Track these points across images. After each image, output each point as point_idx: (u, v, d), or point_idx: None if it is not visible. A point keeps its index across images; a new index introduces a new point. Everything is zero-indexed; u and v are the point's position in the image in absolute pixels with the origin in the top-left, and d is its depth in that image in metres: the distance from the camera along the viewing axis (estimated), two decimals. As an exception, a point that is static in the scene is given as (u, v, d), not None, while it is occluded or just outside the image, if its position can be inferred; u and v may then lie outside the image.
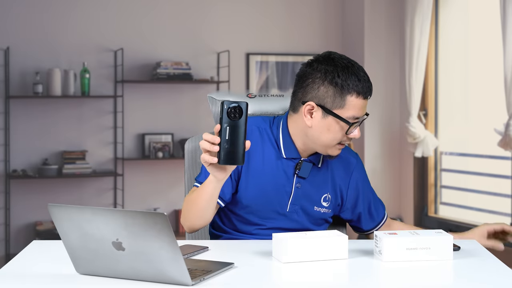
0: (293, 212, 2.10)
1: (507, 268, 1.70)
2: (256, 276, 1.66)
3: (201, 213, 1.95)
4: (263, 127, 2.11)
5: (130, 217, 1.49)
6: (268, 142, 2.09)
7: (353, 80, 1.98)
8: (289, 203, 2.09)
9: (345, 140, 2.02)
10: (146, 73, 5.67)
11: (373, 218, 2.22)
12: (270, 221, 2.10)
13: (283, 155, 2.08)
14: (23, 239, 5.40)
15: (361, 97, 1.99)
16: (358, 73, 2.00)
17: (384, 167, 5.74)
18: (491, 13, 4.77)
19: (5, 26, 5.39)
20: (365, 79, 2.00)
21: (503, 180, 4.75)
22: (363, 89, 1.99)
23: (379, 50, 5.72)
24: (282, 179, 2.08)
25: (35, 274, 1.65)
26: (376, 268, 1.72)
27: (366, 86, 1.99)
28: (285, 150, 2.08)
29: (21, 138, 5.42)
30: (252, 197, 2.07)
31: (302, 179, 2.09)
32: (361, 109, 2.00)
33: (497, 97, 4.66)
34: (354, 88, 1.98)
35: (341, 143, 2.03)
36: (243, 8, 5.86)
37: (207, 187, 1.87)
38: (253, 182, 2.06)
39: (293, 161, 2.09)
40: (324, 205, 2.12)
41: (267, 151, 2.08)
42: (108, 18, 5.60)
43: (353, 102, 1.98)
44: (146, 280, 1.54)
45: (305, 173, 2.08)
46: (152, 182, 5.71)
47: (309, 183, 2.10)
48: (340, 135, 2.01)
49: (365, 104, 2.01)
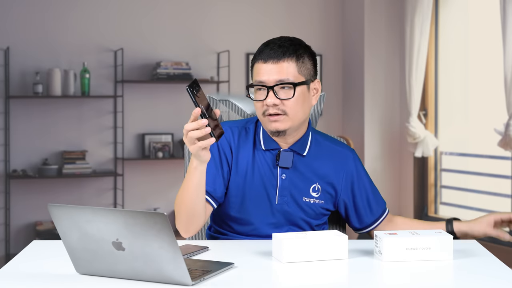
0: (283, 203, 2.08)
1: (507, 268, 1.70)
2: (256, 276, 1.66)
3: (192, 206, 1.93)
4: (243, 126, 2.12)
5: (130, 217, 1.49)
6: (250, 139, 2.09)
7: (258, 50, 2.03)
8: (277, 195, 2.07)
9: (266, 109, 2.00)
10: (146, 73, 5.67)
11: (372, 211, 2.18)
12: (264, 218, 2.08)
13: (262, 147, 2.08)
14: (23, 239, 5.40)
15: (261, 62, 2.00)
16: (268, 43, 2.03)
17: (384, 167, 5.74)
18: (491, 13, 4.77)
19: (5, 26, 5.39)
20: (271, 46, 2.01)
21: (503, 180, 4.75)
22: (263, 55, 2.00)
23: (379, 50, 5.72)
24: (267, 173, 2.07)
25: (35, 274, 1.65)
26: (376, 268, 1.72)
27: (268, 51, 2.00)
28: (264, 142, 2.08)
29: (21, 138, 5.42)
30: (242, 194, 2.07)
31: (286, 170, 2.07)
32: (263, 73, 2.00)
33: (497, 97, 4.66)
34: (256, 56, 2.03)
35: (267, 114, 2.00)
36: (243, 8, 5.86)
37: (192, 175, 1.88)
38: (241, 180, 2.07)
39: (272, 152, 2.08)
40: (314, 195, 2.09)
41: (249, 147, 2.09)
42: (108, 18, 5.60)
43: (255, 69, 2.03)
44: (146, 280, 1.54)
45: (286, 163, 2.06)
46: (152, 182, 5.71)
47: (295, 174, 2.08)
48: (259, 104, 2.01)
49: (270, 68, 1.99)
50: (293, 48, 2.01)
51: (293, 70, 2.00)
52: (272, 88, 1.98)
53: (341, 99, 6.08)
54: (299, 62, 2.01)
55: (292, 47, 2.01)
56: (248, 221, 2.09)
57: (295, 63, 2.00)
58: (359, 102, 5.76)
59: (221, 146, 2.08)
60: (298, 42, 2.05)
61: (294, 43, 2.03)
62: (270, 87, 1.98)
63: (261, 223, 2.09)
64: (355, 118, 5.85)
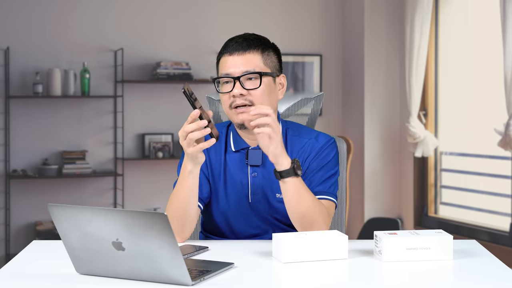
0: (256, 202, 2.07)
1: (507, 268, 1.70)
2: (256, 276, 1.66)
3: (186, 210, 1.94)
4: (220, 131, 2.13)
5: (130, 217, 1.49)
6: (221, 143, 2.10)
7: (224, 45, 2.06)
8: (249, 193, 2.07)
9: (233, 100, 2.00)
10: (146, 73, 5.67)
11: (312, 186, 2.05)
12: (246, 220, 2.08)
13: (232, 149, 2.09)
14: (23, 239, 5.40)
15: (227, 55, 2.03)
16: (233, 38, 2.06)
17: (384, 167, 5.74)
18: (491, 13, 4.77)
19: (5, 26, 5.39)
20: (236, 40, 2.04)
21: (503, 180, 4.75)
22: (228, 49, 2.03)
23: (379, 50, 5.72)
24: (239, 173, 2.07)
25: (35, 274, 1.65)
26: (376, 268, 1.72)
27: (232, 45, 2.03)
28: (234, 143, 2.09)
29: (21, 138, 5.42)
30: (219, 198, 2.07)
31: (256, 167, 2.07)
32: (229, 66, 2.02)
33: (497, 97, 4.66)
34: (222, 51, 2.05)
35: (234, 107, 2.00)
36: (243, 8, 5.86)
37: (187, 179, 1.90)
38: (217, 184, 2.08)
39: (242, 152, 2.09)
40: None
41: (220, 151, 2.10)
42: (108, 18, 5.60)
43: (222, 63, 2.05)
44: (146, 280, 1.54)
45: (256, 161, 2.06)
46: (152, 182, 5.71)
47: (265, 170, 2.07)
48: (226, 97, 2.01)
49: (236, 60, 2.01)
50: (258, 41, 2.05)
51: (259, 62, 2.02)
52: (239, 78, 1.99)
53: (341, 99, 6.08)
54: (264, 55, 2.04)
55: (257, 41, 2.05)
56: (229, 223, 2.09)
57: (260, 55, 2.03)
58: (359, 102, 5.76)
59: None
60: (263, 37, 2.09)
61: (258, 37, 2.07)
62: (236, 78, 2.00)
63: (240, 224, 2.08)
64: (355, 118, 5.85)
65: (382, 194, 5.73)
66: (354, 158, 5.67)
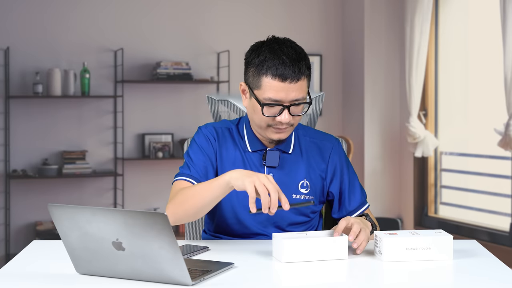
0: None
1: (507, 268, 1.70)
2: (256, 276, 1.66)
3: (199, 212, 1.93)
4: (229, 127, 2.12)
5: (130, 217, 1.49)
6: (236, 141, 2.09)
7: (270, 61, 1.94)
8: None
9: (276, 124, 1.98)
10: (146, 73, 5.67)
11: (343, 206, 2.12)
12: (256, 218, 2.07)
13: (248, 149, 2.08)
14: (23, 239, 5.40)
15: (278, 80, 1.93)
16: (280, 56, 1.94)
17: (384, 167, 5.74)
18: (491, 13, 4.77)
19: (5, 26, 5.39)
20: (287, 62, 1.93)
21: (503, 180, 4.75)
22: (280, 72, 1.92)
23: (379, 50, 5.72)
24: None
25: (35, 274, 1.65)
26: (376, 268, 1.72)
27: (284, 69, 1.92)
28: (249, 144, 2.09)
29: (21, 138, 5.42)
30: (230, 197, 2.04)
31: (273, 169, 2.07)
32: (280, 92, 1.93)
33: (497, 97, 4.66)
34: (269, 69, 1.94)
35: (274, 127, 1.99)
36: (243, 8, 5.86)
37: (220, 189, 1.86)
38: None
39: (259, 153, 2.08)
40: (303, 191, 2.07)
41: (235, 149, 2.09)
42: (108, 18, 5.60)
43: (268, 84, 1.94)
44: (146, 280, 1.54)
45: (273, 162, 2.06)
46: (152, 182, 5.71)
47: (282, 172, 2.07)
48: (268, 118, 1.97)
49: (288, 88, 1.93)
50: (304, 63, 1.96)
51: (306, 87, 1.98)
52: (289, 107, 1.96)
53: (341, 99, 6.08)
54: (308, 77, 1.99)
55: (303, 62, 1.96)
56: (241, 222, 2.09)
57: (307, 80, 1.98)
58: (359, 102, 5.76)
59: (202, 147, 2.07)
60: (304, 53, 2.00)
61: (302, 56, 1.97)
62: (286, 106, 1.95)
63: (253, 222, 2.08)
64: (355, 118, 5.85)
65: (382, 194, 5.73)
66: (354, 158, 5.67)
